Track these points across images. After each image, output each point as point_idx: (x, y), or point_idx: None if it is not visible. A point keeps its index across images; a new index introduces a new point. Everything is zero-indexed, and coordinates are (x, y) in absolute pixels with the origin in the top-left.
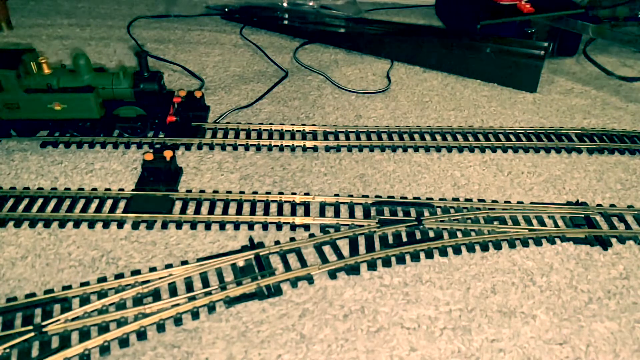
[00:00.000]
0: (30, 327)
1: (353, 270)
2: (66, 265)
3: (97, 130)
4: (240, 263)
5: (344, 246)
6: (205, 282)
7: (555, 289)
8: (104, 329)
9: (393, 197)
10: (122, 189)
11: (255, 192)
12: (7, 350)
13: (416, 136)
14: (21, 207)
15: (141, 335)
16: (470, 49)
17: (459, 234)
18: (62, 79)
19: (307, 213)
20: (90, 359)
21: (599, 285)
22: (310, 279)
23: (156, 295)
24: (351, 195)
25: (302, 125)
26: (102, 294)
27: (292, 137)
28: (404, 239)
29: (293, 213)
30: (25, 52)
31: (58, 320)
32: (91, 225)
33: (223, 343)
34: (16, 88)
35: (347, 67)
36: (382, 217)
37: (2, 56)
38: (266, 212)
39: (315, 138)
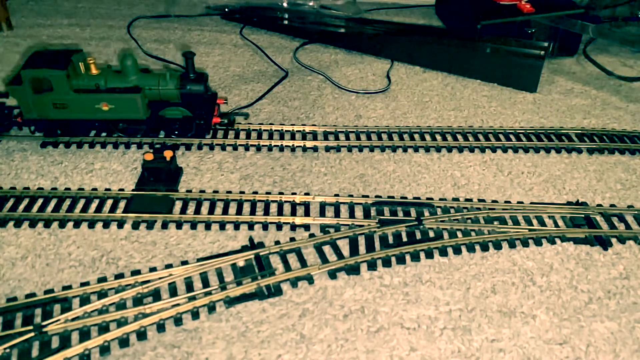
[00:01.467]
0: (30, 327)
1: (353, 270)
2: (66, 265)
3: (142, 130)
4: (240, 263)
5: (344, 246)
6: (205, 282)
7: (555, 289)
8: (104, 329)
9: (393, 197)
10: (122, 189)
11: (255, 192)
12: (7, 350)
13: (416, 136)
14: (21, 207)
15: (141, 335)
16: (470, 49)
17: (459, 234)
18: (109, 79)
19: (307, 213)
20: (90, 359)
21: (599, 285)
22: (310, 279)
23: (156, 295)
24: (351, 195)
25: (302, 125)
26: (102, 294)
27: (292, 137)
28: (404, 239)
29: (293, 213)
30: (74, 53)
31: (58, 320)
32: (91, 225)
33: (223, 343)
34: (65, 88)
35: (347, 67)
36: (382, 217)
37: (51, 56)
38: (266, 212)
39: (315, 138)
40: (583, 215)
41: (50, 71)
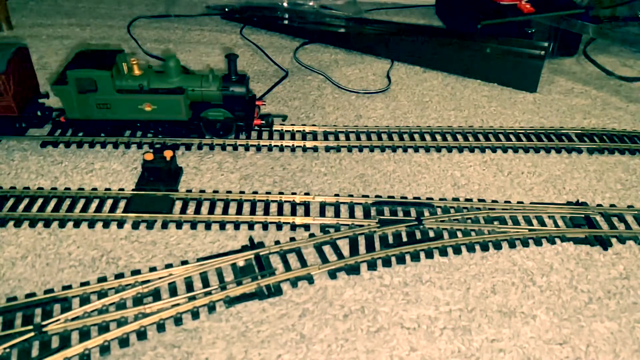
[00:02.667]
0: (30, 327)
1: (353, 270)
2: (66, 265)
3: (183, 131)
4: (240, 263)
5: (344, 246)
6: (205, 282)
7: (555, 289)
8: (104, 328)
9: (393, 197)
10: (122, 189)
11: (255, 192)
12: (7, 350)
13: (416, 136)
14: (21, 207)
15: (141, 335)
16: (470, 49)
17: (459, 234)
18: (152, 80)
19: (307, 213)
20: (90, 358)
21: (599, 285)
22: (310, 279)
23: (156, 295)
24: (351, 195)
25: (302, 125)
26: (102, 294)
27: (292, 137)
28: (404, 239)
29: (293, 213)
30: (117, 53)
31: (58, 320)
32: (91, 225)
33: (223, 343)
34: (110, 89)
35: (347, 67)
36: (382, 217)
37: (95, 57)
38: (266, 212)
39: (315, 138)
40: (583, 215)
41: (95, 71)
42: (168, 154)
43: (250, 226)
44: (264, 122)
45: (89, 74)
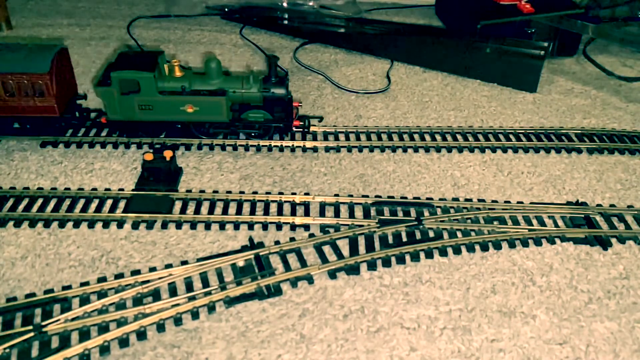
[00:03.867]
0: (30, 327)
1: (353, 270)
2: (66, 265)
3: (222, 133)
4: (240, 263)
5: (344, 246)
6: (205, 282)
7: (555, 289)
8: (104, 329)
9: (393, 197)
10: (122, 189)
11: (255, 192)
12: (7, 350)
13: (416, 136)
14: (21, 207)
15: (141, 335)
16: (470, 49)
17: (459, 234)
18: (193, 81)
19: (307, 213)
20: (90, 359)
21: (599, 285)
22: (310, 279)
23: (156, 295)
24: (351, 195)
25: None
26: (102, 294)
27: (292, 138)
28: (404, 239)
29: (293, 213)
30: (157, 54)
31: (58, 320)
32: (91, 225)
33: (223, 343)
34: (152, 90)
35: (347, 67)
36: (382, 217)
37: (138, 58)
38: (266, 212)
39: (315, 138)
40: (583, 215)
41: (138, 73)
42: (168, 154)
43: (250, 226)
44: (302, 123)
45: (132, 76)
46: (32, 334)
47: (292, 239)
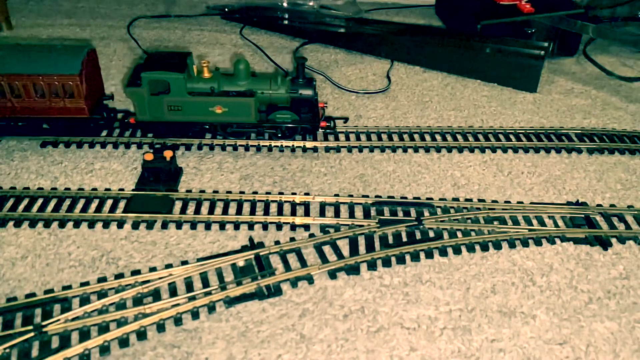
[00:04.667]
0: (30, 327)
1: (353, 270)
2: (66, 265)
3: (249, 133)
4: (240, 263)
5: (344, 246)
6: (205, 282)
7: (555, 289)
8: (104, 329)
9: (393, 197)
10: (122, 189)
11: (255, 192)
12: (7, 350)
13: (416, 136)
14: (21, 207)
15: (141, 335)
16: (470, 49)
17: (459, 234)
18: (222, 82)
19: (307, 213)
20: (90, 359)
21: (599, 285)
22: (310, 279)
23: (156, 295)
24: (351, 195)
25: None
26: (102, 294)
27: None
28: (404, 239)
29: (293, 213)
30: (186, 55)
31: (58, 320)
32: (91, 225)
33: (223, 343)
34: (182, 91)
35: (347, 67)
36: (382, 217)
37: (167, 59)
38: (266, 212)
39: (315, 138)
40: (583, 215)
41: (169, 74)
42: (168, 154)
43: (250, 226)
44: (328, 124)
45: (162, 76)
46: (32, 334)
47: (292, 239)
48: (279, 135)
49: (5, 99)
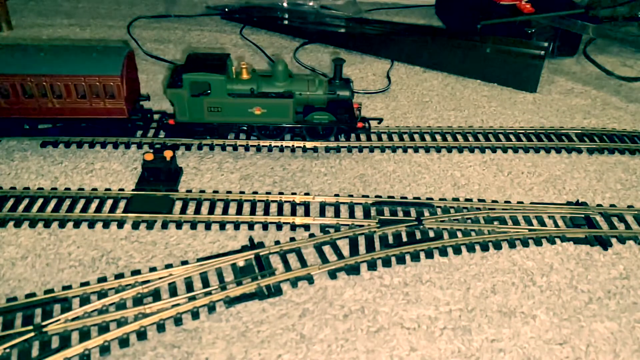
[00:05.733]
0: (30, 327)
1: (353, 270)
2: (66, 265)
3: (284, 134)
4: (240, 263)
5: (344, 246)
6: (205, 282)
7: (555, 289)
8: (104, 329)
9: (393, 197)
10: (122, 189)
11: (255, 192)
12: (7, 350)
13: (416, 136)
14: (21, 207)
15: (141, 335)
16: (470, 49)
17: (459, 234)
18: (260, 84)
19: (307, 213)
20: (90, 359)
21: (599, 285)
22: (310, 279)
23: (156, 295)
24: (351, 195)
25: None
26: (102, 294)
27: (292, 138)
28: (404, 239)
29: (293, 213)
30: (225, 56)
31: (58, 320)
32: (91, 225)
33: (223, 343)
34: (223, 92)
35: (347, 67)
36: (382, 217)
37: (207, 60)
38: (266, 212)
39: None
40: (583, 215)
41: (210, 75)
42: (168, 154)
43: (250, 226)
44: (365, 125)
45: (204, 78)
46: (32, 334)
47: (292, 239)
48: (315, 136)
49: (47, 99)
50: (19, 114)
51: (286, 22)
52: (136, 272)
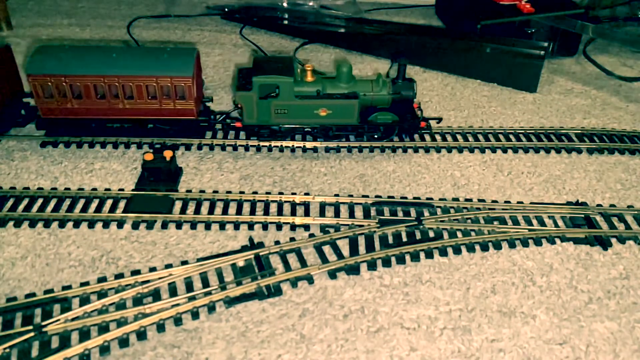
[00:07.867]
0: (30, 327)
1: (353, 270)
2: (66, 265)
3: (347, 134)
4: (240, 263)
5: (344, 246)
6: (205, 282)
7: (555, 289)
8: (104, 329)
9: (393, 197)
10: (122, 189)
11: (255, 192)
12: (7, 350)
13: (416, 136)
14: (21, 207)
15: (141, 335)
16: (470, 49)
17: (459, 234)
18: (325, 85)
19: (307, 213)
20: (90, 359)
21: (599, 285)
22: (310, 279)
23: (156, 295)
24: (351, 195)
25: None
26: (102, 294)
27: (292, 138)
28: (404, 239)
29: (293, 213)
30: (289, 59)
31: (58, 320)
32: (91, 225)
33: (223, 343)
34: (290, 94)
35: None
36: (382, 217)
37: (274, 63)
38: (266, 212)
39: (315, 139)
40: (583, 215)
41: (279, 78)
42: (168, 154)
43: (250, 226)
44: (427, 124)
45: (273, 80)
46: (32, 334)
47: (292, 239)
48: (376, 136)
49: (118, 100)
50: (91, 115)
51: (286, 22)
52: (136, 272)
